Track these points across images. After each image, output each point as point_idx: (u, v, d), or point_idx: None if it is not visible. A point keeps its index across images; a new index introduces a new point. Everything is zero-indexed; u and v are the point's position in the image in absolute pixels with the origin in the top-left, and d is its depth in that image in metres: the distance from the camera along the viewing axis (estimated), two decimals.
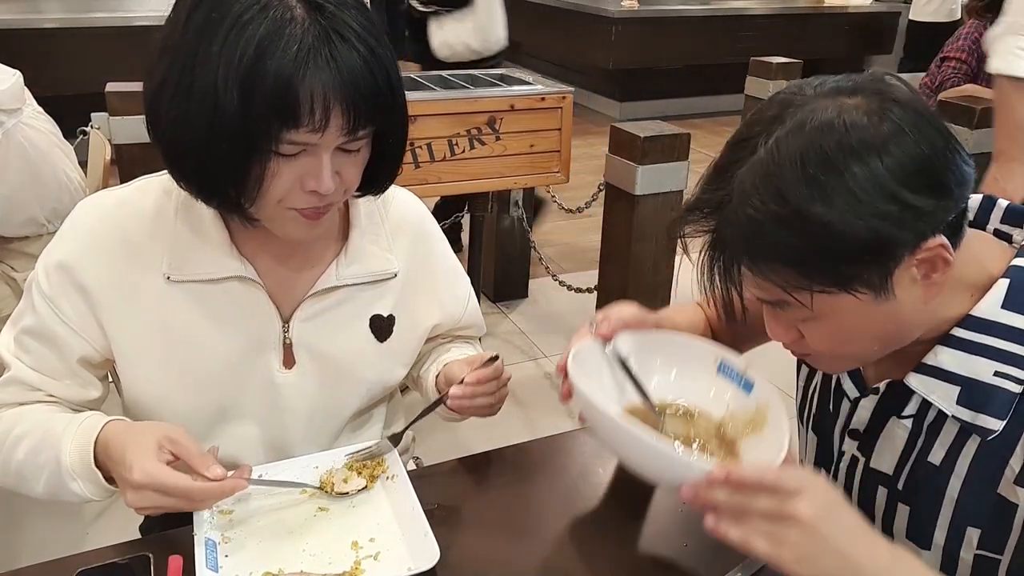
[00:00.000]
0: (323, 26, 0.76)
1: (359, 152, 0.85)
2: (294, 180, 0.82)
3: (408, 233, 1.05)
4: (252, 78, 0.74)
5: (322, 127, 0.77)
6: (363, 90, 0.78)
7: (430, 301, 1.08)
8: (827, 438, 0.93)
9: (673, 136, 2.26)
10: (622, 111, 6.34)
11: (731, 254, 0.73)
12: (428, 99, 2.32)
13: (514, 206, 2.80)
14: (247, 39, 0.74)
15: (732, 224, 0.70)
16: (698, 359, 0.94)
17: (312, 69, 0.75)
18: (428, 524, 0.83)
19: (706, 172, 0.76)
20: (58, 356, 0.92)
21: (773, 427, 0.83)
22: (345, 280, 0.98)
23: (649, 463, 0.77)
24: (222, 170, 0.80)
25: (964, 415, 0.76)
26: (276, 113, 0.75)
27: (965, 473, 0.78)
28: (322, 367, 0.99)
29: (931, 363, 0.78)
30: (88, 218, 0.93)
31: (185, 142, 0.80)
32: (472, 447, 1.08)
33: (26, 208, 1.79)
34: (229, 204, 0.84)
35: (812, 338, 0.76)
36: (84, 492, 0.88)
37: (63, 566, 0.82)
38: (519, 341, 2.99)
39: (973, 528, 0.79)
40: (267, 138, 0.77)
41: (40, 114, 1.88)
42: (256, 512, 0.89)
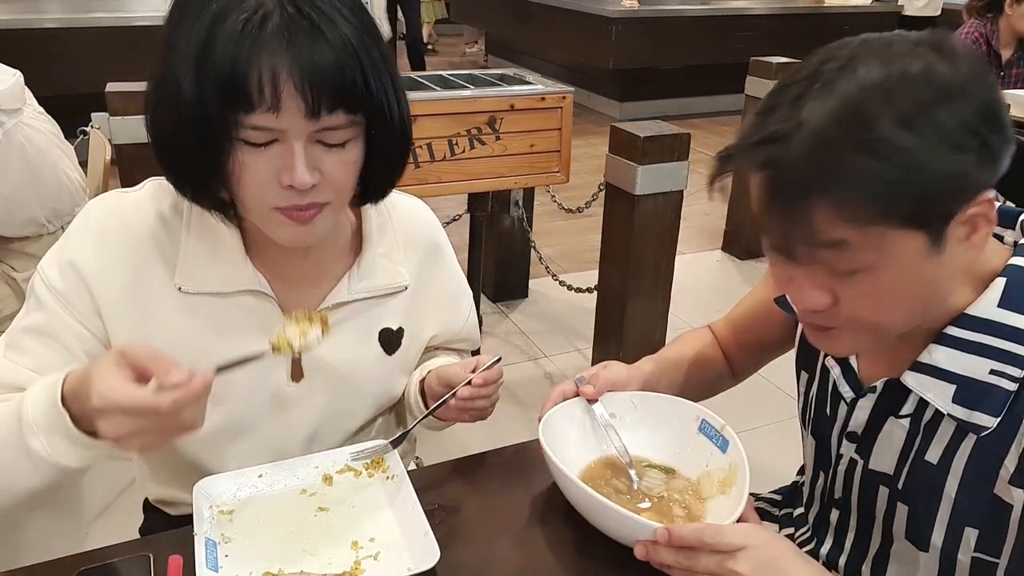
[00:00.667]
0: (286, 8, 0.74)
1: (344, 148, 0.81)
2: (269, 174, 0.79)
3: (420, 246, 1.05)
4: (203, 58, 0.73)
5: (275, 107, 0.74)
6: (323, 71, 0.74)
7: (432, 313, 1.07)
8: (825, 442, 0.93)
9: (673, 136, 2.25)
10: (622, 111, 6.34)
11: (798, 186, 0.67)
12: (428, 99, 2.33)
13: (514, 206, 2.80)
14: (204, 17, 0.74)
15: (803, 153, 0.66)
16: (680, 418, 0.97)
17: (261, 45, 0.72)
18: (428, 524, 0.83)
19: (760, 110, 0.71)
20: (58, 354, 0.88)
21: (739, 487, 0.86)
22: (357, 295, 0.97)
23: (604, 522, 0.84)
24: (191, 159, 0.79)
25: (959, 413, 0.76)
26: (226, 93, 0.73)
27: (961, 472, 0.78)
28: (330, 381, 0.99)
29: (927, 361, 0.78)
30: (103, 219, 0.91)
31: (159, 131, 0.80)
32: (472, 447, 1.08)
33: (26, 208, 1.79)
34: (214, 201, 0.83)
35: (849, 299, 0.72)
36: (47, 450, 0.75)
37: (63, 566, 0.82)
38: (519, 341, 2.99)
39: (971, 528, 0.79)
40: (226, 123, 0.75)
41: (40, 114, 1.88)
42: (256, 512, 0.89)
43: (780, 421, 2.47)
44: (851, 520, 0.93)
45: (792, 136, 0.66)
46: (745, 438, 0.91)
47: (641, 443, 0.98)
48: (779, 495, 1.17)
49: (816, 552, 0.99)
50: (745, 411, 2.61)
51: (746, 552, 0.73)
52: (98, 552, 0.84)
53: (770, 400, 2.57)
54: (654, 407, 0.99)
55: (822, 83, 0.67)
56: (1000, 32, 3.15)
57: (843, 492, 0.92)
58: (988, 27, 3.16)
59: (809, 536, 1.02)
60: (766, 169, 0.69)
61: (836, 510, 0.95)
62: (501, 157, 2.44)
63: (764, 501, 1.17)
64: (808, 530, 1.03)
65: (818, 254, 0.70)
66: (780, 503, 1.15)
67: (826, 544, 0.97)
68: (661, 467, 0.96)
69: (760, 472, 1.83)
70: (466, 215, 2.76)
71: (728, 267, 3.77)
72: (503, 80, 2.63)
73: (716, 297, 3.44)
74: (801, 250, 0.70)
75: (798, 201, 0.67)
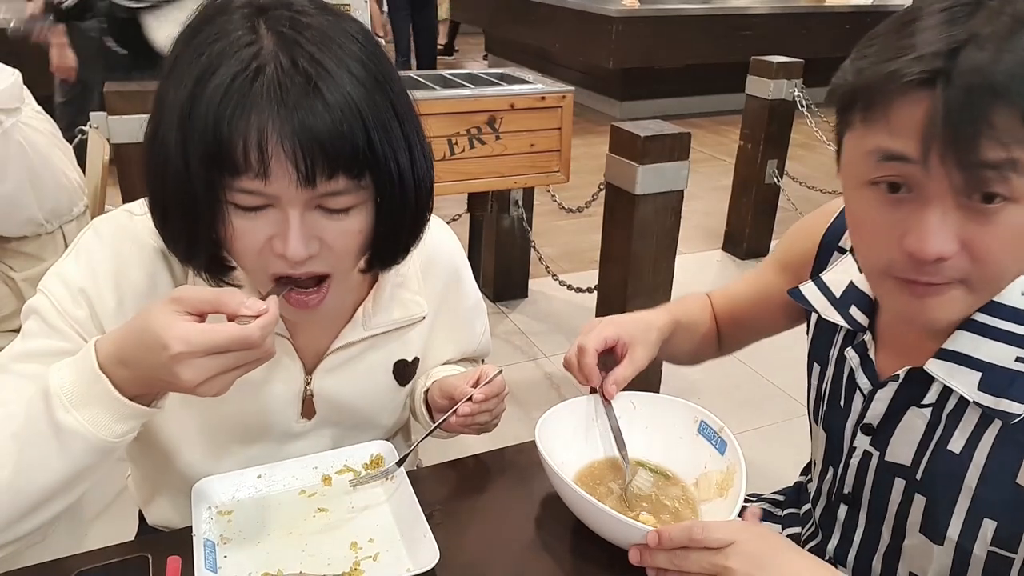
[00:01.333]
0: (281, 62, 0.67)
1: (348, 215, 0.74)
2: (261, 241, 0.72)
3: (440, 273, 1.00)
4: (187, 117, 0.67)
5: (262, 174, 0.67)
6: (316, 133, 0.66)
7: (448, 338, 1.05)
8: (836, 434, 0.93)
9: (673, 136, 2.25)
10: (622, 110, 6.33)
11: (980, 97, 0.62)
12: (428, 98, 2.32)
13: (514, 206, 2.80)
14: (191, 72, 0.67)
15: (986, 61, 0.61)
16: (679, 419, 0.97)
17: (247, 105, 0.65)
18: (427, 525, 0.83)
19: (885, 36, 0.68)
20: None
21: (736, 489, 0.86)
22: (372, 330, 0.94)
23: (597, 524, 0.84)
24: (178, 222, 0.73)
25: (986, 400, 0.76)
26: (209, 157, 0.67)
27: (984, 462, 0.77)
28: (341, 416, 0.98)
29: (952, 348, 0.77)
30: (108, 250, 0.84)
31: (152, 192, 0.74)
32: (472, 447, 1.08)
33: (25, 208, 1.78)
34: (195, 259, 0.77)
35: (981, 241, 0.67)
36: (81, 424, 0.69)
37: (63, 566, 0.82)
38: (519, 341, 2.99)
39: (989, 520, 0.78)
40: (212, 186, 0.68)
41: (39, 114, 1.88)
42: (255, 512, 0.89)
43: (780, 421, 2.47)
44: (860, 516, 0.92)
45: (965, 47, 0.62)
46: (745, 438, 0.91)
47: (639, 444, 0.97)
48: (782, 495, 1.17)
49: (822, 548, 0.98)
50: (745, 411, 2.61)
51: (735, 547, 0.73)
52: (97, 553, 0.84)
53: (770, 400, 2.57)
54: (653, 408, 0.99)
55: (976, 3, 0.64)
56: None
57: (854, 487, 0.91)
58: None
59: (814, 531, 1.02)
60: (942, 79, 0.62)
61: (844, 505, 0.94)
62: (501, 157, 2.43)
63: (766, 502, 1.17)
64: (812, 526, 1.02)
65: (978, 175, 0.63)
66: (783, 503, 1.15)
67: (833, 540, 0.97)
68: (658, 471, 0.96)
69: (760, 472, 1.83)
70: (466, 215, 2.76)
71: (728, 267, 3.77)
72: (503, 79, 2.63)
73: None
74: (959, 174, 0.64)
75: (978, 112, 0.62)
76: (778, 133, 3.60)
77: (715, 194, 4.38)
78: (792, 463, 1.17)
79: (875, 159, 0.68)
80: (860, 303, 0.89)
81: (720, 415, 0.95)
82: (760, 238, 3.79)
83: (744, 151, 3.70)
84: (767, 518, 1.14)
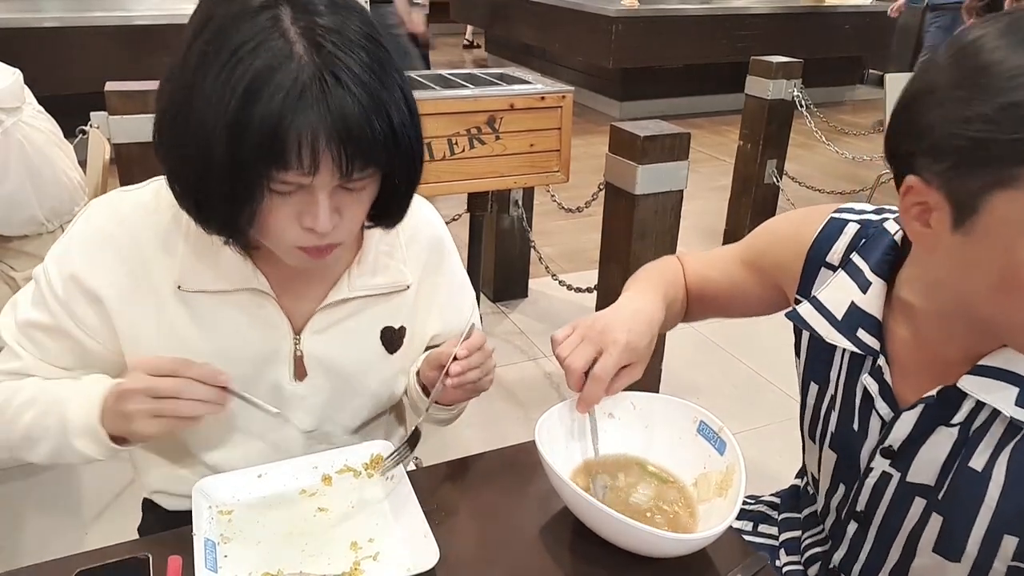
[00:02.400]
0: (318, 66, 0.73)
1: (364, 191, 0.83)
2: (291, 218, 0.81)
3: (424, 245, 1.05)
4: (240, 120, 0.73)
5: (312, 171, 0.76)
6: (356, 134, 0.75)
7: (434, 312, 1.07)
8: (852, 457, 0.90)
9: (673, 136, 2.25)
10: (622, 110, 6.34)
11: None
12: (428, 98, 2.32)
13: (514, 206, 2.80)
14: (237, 78, 0.72)
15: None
16: (678, 419, 0.97)
17: (300, 112, 0.73)
18: (428, 524, 0.83)
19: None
20: (68, 352, 0.93)
21: (735, 489, 0.86)
22: (357, 292, 0.98)
23: (595, 524, 0.84)
24: (217, 204, 0.79)
25: (1021, 415, 0.75)
26: (264, 156, 0.74)
27: (1004, 478, 0.77)
28: (332, 379, 0.99)
29: (990, 364, 0.77)
30: (101, 221, 0.92)
31: (182, 173, 0.80)
32: (472, 447, 1.08)
33: (26, 207, 1.79)
34: (228, 232, 0.83)
35: None
36: (86, 450, 0.89)
37: (63, 566, 0.82)
38: (519, 341, 2.99)
39: (1010, 536, 0.78)
40: (258, 178, 0.76)
41: (40, 113, 1.88)
42: (255, 512, 0.89)
43: (780, 421, 2.47)
44: (869, 533, 0.91)
45: None
46: (745, 438, 0.91)
47: (640, 444, 0.98)
48: (778, 498, 1.17)
49: (829, 555, 0.98)
50: (745, 411, 2.61)
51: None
52: (97, 552, 0.84)
53: (770, 400, 2.57)
54: (653, 408, 0.99)
55: None
56: None
57: (867, 506, 0.90)
58: None
59: (824, 538, 1.01)
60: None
61: (855, 523, 0.93)
62: (501, 157, 2.43)
63: (764, 504, 1.17)
64: (822, 532, 1.02)
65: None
66: (779, 506, 1.14)
67: (840, 551, 0.96)
68: (657, 472, 0.96)
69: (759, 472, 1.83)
70: (466, 215, 2.76)
71: None
72: (503, 79, 2.63)
73: None
74: None
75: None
76: (777, 133, 3.61)
77: (714, 194, 4.39)
78: (791, 463, 1.17)
79: None
80: (867, 326, 0.85)
81: (720, 415, 0.95)
82: None
83: (743, 151, 3.70)
84: (764, 520, 1.14)
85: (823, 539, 1.01)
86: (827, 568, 0.98)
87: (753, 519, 1.14)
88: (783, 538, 1.09)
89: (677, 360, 2.71)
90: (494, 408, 2.50)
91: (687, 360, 2.81)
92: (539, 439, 0.88)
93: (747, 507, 1.17)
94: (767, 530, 1.12)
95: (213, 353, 0.92)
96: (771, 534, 1.11)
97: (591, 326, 0.93)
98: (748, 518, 1.15)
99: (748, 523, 1.14)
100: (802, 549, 1.04)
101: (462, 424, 1.03)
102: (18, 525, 1.96)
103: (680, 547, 0.83)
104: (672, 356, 2.51)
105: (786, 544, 1.08)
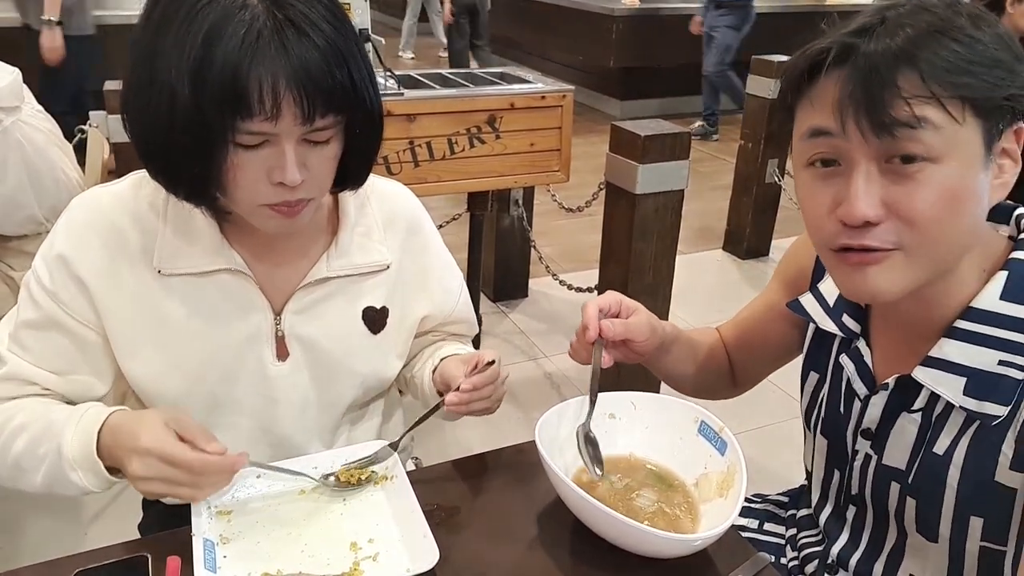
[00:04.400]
0: (276, 16, 0.76)
1: (328, 144, 0.84)
2: (260, 173, 0.82)
3: (401, 226, 1.05)
4: (201, 68, 0.74)
5: (274, 115, 0.77)
6: (316, 78, 0.77)
7: (421, 293, 1.08)
8: (840, 439, 0.93)
9: (674, 135, 2.25)
10: (623, 110, 6.34)
11: (888, 64, 0.69)
12: (428, 97, 2.32)
13: (514, 205, 2.80)
14: (196, 29, 0.75)
15: (892, 37, 0.70)
16: (679, 420, 0.97)
17: (260, 57, 0.75)
18: (427, 525, 0.83)
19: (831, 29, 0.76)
20: (64, 348, 0.93)
21: (736, 489, 0.86)
22: (336, 272, 0.98)
23: (596, 524, 0.84)
24: (186, 162, 0.80)
25: (970, 404, 0.77)
26: (227, 102, 0.75)
27: (963, 461, 0.79)
28: (315, 359, 0.99)
29: (937, 356, 0.79)
30: (82, 212, 0.93)
31: (149, 136, 0.81)
32: (472, 447, 1.08)
33: (25, 206, 1.79)
34: (200, 198, 0.85)
35: (906, 199, 0.71)
36: (84, 483, 0.87)
37: (62, 566, 0.82)
38: (519, 341, 2.99)
39: (975, 517, 0.80)
40: (223, 128, 0.77)
41: (39, 112, 1.89)
42: (255, 513, 0.89)
43: (780, 421, 2.47)
44: (868, 516, 0.93)
45: (877, 27, 0.71)
46: (745, 438, 0.91)
47: (640, 444, 0.97)
48: (786, 496, 1.17)
49: (826, 551, 0.98)
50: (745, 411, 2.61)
51: None
52: (96, 552, 0.84)
53: (770, 400, 2.57)
54: (654, 408, 0.99)
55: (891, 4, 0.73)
56: None
57: (859, 488, 0.92)
58: None
59: (820, 538, 1.02)
60: (853, 55, 0.70)
61: (853, 507, 0.95)
62: (501, 156, 2.43)
63: (771, 503, 1.17)
64: (819, 532, 1.02)
65: (895, 132, 0.69)
66: (787, 504, 1.15)
67: (839, 542, 0.97)
68: (658, 472, 0.96)
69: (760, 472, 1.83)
70: (466, 214, 2.76)
71: (728, 267, 3.77)
72: (503, 79, 2.63)
73: (716, 297, 3.45)
74: (874, 137, 0.70)
75: (887, 75, 0.69)
76: (779, 132, 3.60)
77: (715, 193, 4.39)
78: (792, 463, 1.17)
79: (807, 139, 0.75)
80: (851, 310, 0.90)
81: (720, 415, 0.95)
82: (761, 237, 3.80)
83: (745, 150, 3.70)
84: (771, 519, 1.14)
85: (819, 539, 1.02)
86: (825, 564, 0.98)
87: (759, 517, 1.15)
88: (789, 534, 1.09)
89: None
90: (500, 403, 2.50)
91: None
92: (539, 439, 0.88)
93: (754, 506, 1.17)
94: (773, 528, 1.12)
95: (195, 335, 0.93)
96: (777, 532, 1.12)
97: None
98: (754, 516, 1.15)
99: (754, 521, 1.14)
100: (799, 547, 1.05)
101: (462, 424, 1.03)
102: (18, 525, 1.96)
103: (681, 547, 0.83)
104: None
105: (791, 541, 1.08)
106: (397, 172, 2.28)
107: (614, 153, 2.32)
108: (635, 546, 0.83)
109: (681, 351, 1.07)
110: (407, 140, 2.29)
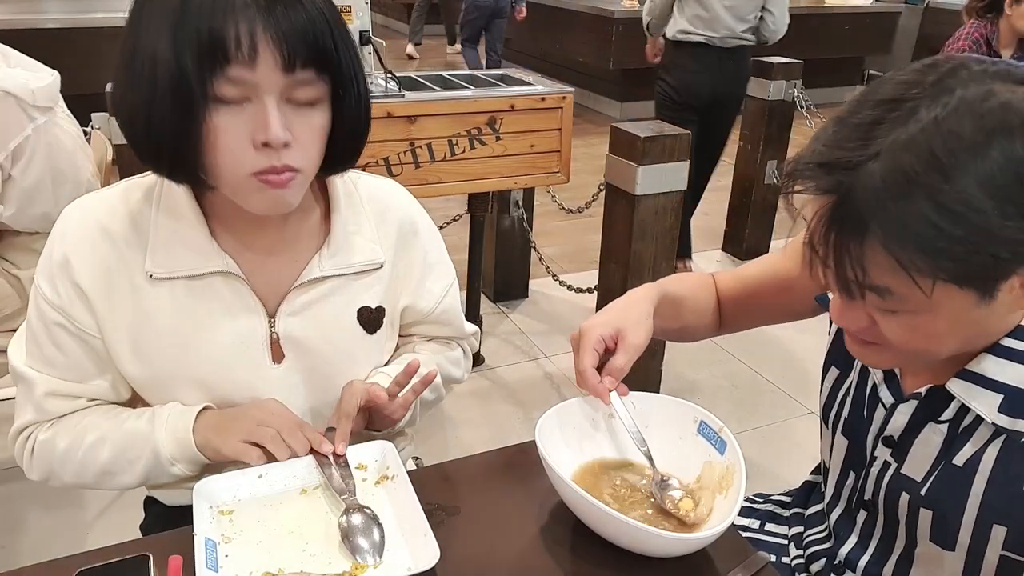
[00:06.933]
0: None
1: (313, 109, 0.84)
2: (244, 136, 0.81)
3: (395, 224, 1.05)
4: (180, 22, 0.76)
5: (252, 59, 0.77)
6: (295, 26, 0.78)
7: (405, 288, 1.07)
8: (860, 443, 0.92)
9: (673, 136, 2.25)
10: (623, 111, 6.33)
11: (857, 223, 0.64)
12: (428, 99, 2.33)
13: (514, 206, 2.81)
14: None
15: (870, 190, 0.62)
16: (678, 419, 0.97)
17: (237, 9, 0.76)
18: (428, 524, 0.83)
19: (833, 125, 0.68)
20: (77, 357, 0.94)
21: (735, 488, 0.87)
22: (329, 271, 0.98)
23: (597, 525, 0.84)
24: (169, 126, 0.80)
25: (1003, 422, 0.76)
26: (204, 51, 0.76)
27: (990, 470, 0.78)
28: (311, 361, 0.99)
29: (975, 370, 0.78)
30: (73, 221, 0.94)
31: (132, 105, 0.81)
32: (472, 447, 1.08)
33: (41, 203, 1.80)
34: (184, 167, 0.84)
35: (890, 329, 0.71)
36: (184, 471, 0.96)
37: (63, 566, 0.82)
38: (519, 341, 2.99)
39: (999, 526, 0.79)
40: (201, 80, 0.77)
41: (68, 117, 1.91)
42: (256, 512, 0.89)
43: (780, 421, 2.47)
44: (878, 521, 0.92)
45: (863, 167, 0.63)
46: (745, 438, 0.91)
47: None
48: (789, 496, 1.17)
49: (834, 551, 0.98)
50: (745, 411, 2.62)
51: None
52: (98, 552, 0.84)
53: (770, 400, 2.57)
54: (653, 408, 0.99)
55: (904, 112, 0.63)
56: (1000, 33, 3.15)
57: (872, 494, 0.91)
58: (988, 28, 3.16)
59: (826, 535, 1.02)
60: (831, 195, 0.66)
61: (864, 511, 0.94)
62: (501, 157, 2.44)
63: (773, 503, 1.17)
64: (826, 530, 1.02)
65: (864, 291, 0.68)
66: (791, 503, 1.14)
67: (848, 543, 0.96)
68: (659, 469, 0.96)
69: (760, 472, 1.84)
70: (466, 215, 2.76)
71: (728, 267, 3.77)
72: (503, 80, 2.63)
73: None
74: (847, 285, 0.69)
75: (855, 237, 0.65)
76: (778, 133, 3.61)
77: (715, 194, 4.38)
78: (792, 463, 1.17)
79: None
80: None
81: (720, 415, 0.95)
82: (760, 238, 3.80)
83: (743, 151, 3.70)
84: (772, 519, 1.14)
85: (826, 536, 1.02)
86: (832, 564, 0.98)
87: (760, 518, 1.15)
88: (792, 533, 1.09)
89: (677, 360, 2.71)
90: (494, 408, 2.51)
91: (687, 360, 2.81)
92: (539, 439, 0.88)
93: (755, 506, 1.17)
94: (775, 528, 1.12)
95: (189, 339, 0.93)
96: (779, 532, 1.11)
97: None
98: (755, 516, 1.15)
99: (755, 521, 1.14)
100: (804, 544, 1.05)
101: (463, 424, 1.03)
102: (19, 525, 1.96)
103: (680, 546, 0.83)
104: (672, 356, 2.51)
105: (795, 539, 1.08)
106: (398, 173, 2.28)
107: (614, 154, 2.32)
108: (635, 545, 0.83)
109: (668, 309, 1.05)
110: (408, 141, 2.29)
